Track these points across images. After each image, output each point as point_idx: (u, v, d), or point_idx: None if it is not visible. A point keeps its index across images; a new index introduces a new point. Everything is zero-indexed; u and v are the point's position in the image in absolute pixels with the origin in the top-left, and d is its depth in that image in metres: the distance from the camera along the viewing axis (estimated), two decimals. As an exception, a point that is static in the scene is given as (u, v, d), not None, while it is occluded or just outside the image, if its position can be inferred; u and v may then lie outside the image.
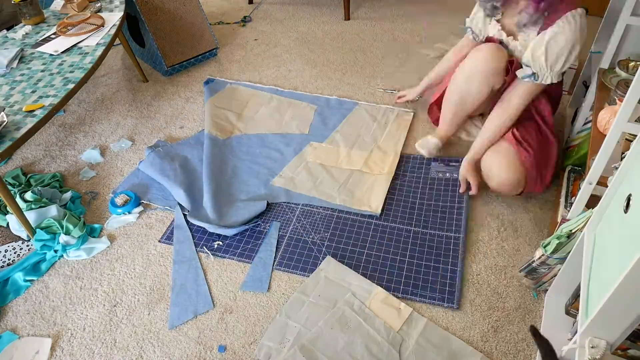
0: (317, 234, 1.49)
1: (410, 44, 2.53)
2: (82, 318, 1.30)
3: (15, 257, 1.45)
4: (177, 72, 2.33)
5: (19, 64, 1.72)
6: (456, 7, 2.98)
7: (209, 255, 1.44)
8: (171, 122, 2.01)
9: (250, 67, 2.36)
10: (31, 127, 1.39)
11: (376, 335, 1.21)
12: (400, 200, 1.58)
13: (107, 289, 1.37)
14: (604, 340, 0.75)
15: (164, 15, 2.22)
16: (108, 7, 2.06)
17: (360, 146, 1.81)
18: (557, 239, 1.15)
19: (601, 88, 1.43)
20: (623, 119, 0.99)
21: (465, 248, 1.42)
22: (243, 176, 1.71)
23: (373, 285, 1.33)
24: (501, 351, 1.19)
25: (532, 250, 1.43)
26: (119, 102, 2.15)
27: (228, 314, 1.30)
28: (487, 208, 1.58)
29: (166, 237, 1.51)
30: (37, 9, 1.98)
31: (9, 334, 1.26)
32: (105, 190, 1.69)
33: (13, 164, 1.82)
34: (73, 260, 1.45)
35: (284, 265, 1.40)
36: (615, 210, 0.86)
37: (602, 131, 1.25)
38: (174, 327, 1.27)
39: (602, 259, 0.86)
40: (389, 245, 1.44)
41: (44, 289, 1.38)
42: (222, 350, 1.21)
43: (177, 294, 1.34)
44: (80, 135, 1.95)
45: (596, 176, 1.11)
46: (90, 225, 1.55)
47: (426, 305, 1.29)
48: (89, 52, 1.76)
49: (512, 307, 1.29)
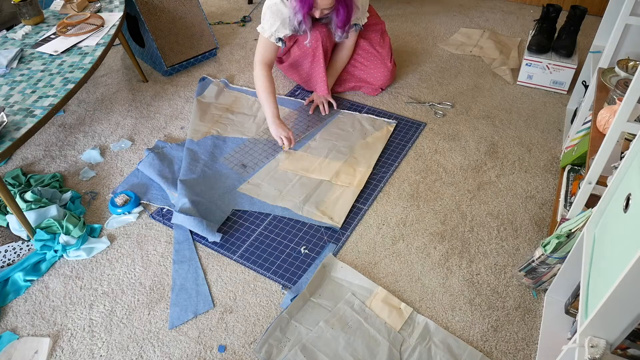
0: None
1: (410, 44, 2.54)
2: (82, 318, 1.30)
3: (15, 257, 1.45)
4: (176, 72, 2.33)
5: (19, 64, 1.72)
6: (456, 8, 2.99)
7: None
8: (171, 122, 2.01)
9: (249, 67, 2.36)
10: (31, 127, 1.39)
11: (377, 335, 1.21)
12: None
13: (107, 289, 1.37)
14: (604, 339, 0.75)
15: (164, 15, 2.22)
16: (108, 7, 2.06)
17: (334, 156, 1.78)
18: (556, 239, 1.15)
19: (600, 88, 1.43)
20: (622, 119, 0.99)
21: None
22: (210, 180, 1.68)
23: (374, 285, 1.34)
24: (501, 350, 1.19)
25: (532, 249, 1.43)
26: (119, 102, 2.15)
27: (228, 314, 1.30)
28: (487, 208, 1.58)
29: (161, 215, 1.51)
30: (36, 9, 1.98)
31: (9, 334, 1.26)
32: (105, 190, 1.69)
33: (13, 164, 1.82)
34: (73, 260, 1.45)
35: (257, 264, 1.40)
36: (615, 210, 0.86)
37: (602, 131, 1.26)
38: (174, 327, 1.27)
39: (602, 259, 0.86)
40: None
41: (44, 289, 1.38)
42: (222, 350, 1.21)
43: (177, 294, 1.34)
44: (80, 135, 1.95)
45: (596, 176, 1.12)
46: (90, 225, 1.55)
47: (426, 305, 1.30)
48: (89, 52, 1.76)
49: (511, 306, 1.29)
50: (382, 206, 1.60)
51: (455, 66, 2.35)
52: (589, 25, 2.48)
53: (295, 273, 1.39)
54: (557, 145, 1.84)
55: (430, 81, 2.23)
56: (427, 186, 1.67)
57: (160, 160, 1.74)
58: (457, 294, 1.33)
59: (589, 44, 1.90)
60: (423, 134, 1.91)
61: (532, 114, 2.01)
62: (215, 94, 2.14)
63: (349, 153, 1.79)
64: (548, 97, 2.11)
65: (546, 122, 1.95)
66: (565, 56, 2.07)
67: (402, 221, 1.55)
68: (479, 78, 2.26)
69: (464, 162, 1.77)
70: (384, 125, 1.93)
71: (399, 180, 1.70)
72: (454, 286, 1.35)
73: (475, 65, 2.36)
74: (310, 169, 1.72)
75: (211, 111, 2.03)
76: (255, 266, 1.41)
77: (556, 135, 1.88)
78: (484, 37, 2.60)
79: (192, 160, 1.74)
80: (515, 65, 2.31)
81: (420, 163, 1.77)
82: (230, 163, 1.76)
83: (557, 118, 1.98)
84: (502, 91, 2.16)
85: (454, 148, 1.83)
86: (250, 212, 1.58)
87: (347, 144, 1.83)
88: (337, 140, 1.86)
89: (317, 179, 1.68)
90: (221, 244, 1.48)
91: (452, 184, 1.68)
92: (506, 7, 2.99)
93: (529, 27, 2.70)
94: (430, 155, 1.81)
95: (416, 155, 1.80)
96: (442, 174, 1.72)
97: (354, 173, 1.70)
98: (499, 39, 2.58)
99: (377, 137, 1.87)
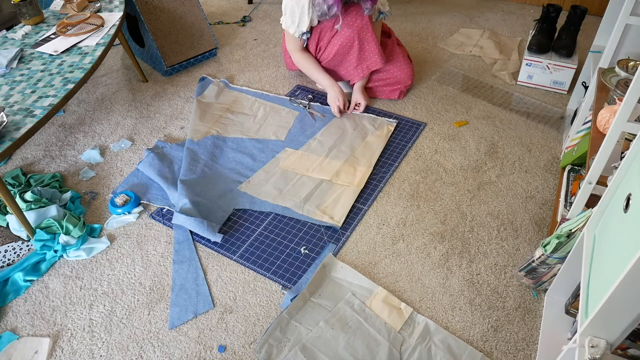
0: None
1: (410, 44, 2.54)
2: (82, 318, 1.30)
3: (15, 257, 1.45)
4: (176, 72, 2.33)
5: (19, 64, 1.72)
6: (456, 8, 2.99)
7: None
8: (171, 122, 2.01)
9: (250, 67, 2.36)
10: (31, 127, 1.39)
11: (377, 335, 1.21)
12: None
13: (107, 289, 1.37)
14: (604, 339, 0.75)
15: (164, 15, 2.22)
16: (108, 7, 2.06)
17: (335, 155, 1.78)
18: (556, 239, 1.15)
19: (600, 88, 1.43)
20: (622, 119, 0.99)
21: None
22: (210, 179, 1.68)
23: (374, 285, 1.34)
24: (501, 351, 1.19)
25: (532, 249, 1.43)
26: (119, 102, 2.15)
27: (228, 314, 1.30)
28: (487, 208, 1.58)
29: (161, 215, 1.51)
30: (36, 9, 1.97)
31: (9, 334, 1.26)
32: (105, 190, 1.69)
33: (13, 164, 1.82)
34: (73, 260, 1.45)
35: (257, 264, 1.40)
36: (615, 210, 0.86)
37: (602, 131, 1.26)
38: (174, 327, 1.27)
39: (602, 259, 0.86)
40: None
41: (44, 289, 1.38)
42: (222, 350, 1.21)
43: (177, 294, 1.34)
44: (80, 135, 1.95)
45: (596, 176, 1.12)
46: (90, 225, 1.55)
47: (426, 305, 1.30)
48: (89, 52, 1.76)
49: (512, 306, 1.29)
50: (382, 206, 1.60)
51: (456, 66, 2.35)
52: (589, 25, 2.48)
53: (295, 273, 1.39)
54: (557, 145, 1.84)
55: (430, 81, 2.23)
56: (427, 186, 1.67)
57: (160, 160, 1.74)
58: (457, 294, 1.33)
59: (589, 44, 1.90)
60: (423, 134, 1.91)
61: (532, 114, 2.01)
62: (215, 94, 2.14)
63: (350, 152, 1.79)
64: (548, 97, 2.11)
65: (546, 122, 1.95)
66: (566, 56, 2.07)
67: (402, 221, 1.55)
68: (479, 78, 2.25)
69: (464, 162, 1.77)
70: (384, 124, 1.93)
71: (399, 180, 1.70)
72: (454, 286, 1.35)
73: (475, 65, 2.36)
74: (311, 168, 1.72)
75: (211, 111, 2.03)
76: (255, 266, 1.41)
77: (556, 135, 1.88)
78: (484, 37, 2.60)
79: (192, 160, 1.74)
80: (515, 68, 2.30)
81: (421, 163, 1.77)
82: (231, 162, 1.76)
83: (557, 118, 1.98)
84: (502, 91, 2.16)
85: (454, 148, 1.83)
86: (249, 213, 1.58)
87: (348, 144, 1.83)
88: (337, 140, 1.86)
89: (317, 178, 1.68)
90: (221, 244, 1.48)
91: (452, 184, 1.68)
92: (506, 7, 2.99)
93: (529, 27, 2.70)
94: (430, 155, 1.81)
95: (416, 155, 1.80)
96: (442, 174, 1.72)
97: (354, 172, 1.70)
98: (499, 39, 2.58)
99: (378, 137, 1.87)
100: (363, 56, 1.94)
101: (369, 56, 1.94)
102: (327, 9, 1.78)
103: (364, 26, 1.86)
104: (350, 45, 1.91)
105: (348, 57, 1.97)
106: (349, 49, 1.93)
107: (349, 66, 2.00)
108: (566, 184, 1.49)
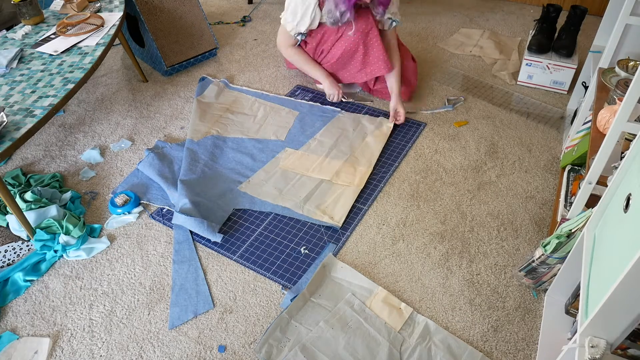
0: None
1: (410, 44, 2.54)
2: (82, 318, 1.30)
3: (15, 257, 1.45)
4: (176, 72, 2.33)
5: (19, 64, 1.72)
6: (456, 8, 2.99)
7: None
8: (171, 122, 2.01)
9: (250, 67, 2.36)
10: (31, 127, 1.39)
11: (377, 335, 1.21)
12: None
13: (107, 289, 1.37)
14: (604, 339, 0.75)
15: (164, 15, 2.22)
16: (108, 7, 2.06)
17: (335, 155, 1.78)
18: (556, 239, 1.15)
19: (600, 88, 1.43)
20: (622, 119, 0.99)
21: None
22: (210, 179, 1.68)
23: (374, 285, 1.34)
24: (501, 351, 1.19)
25: (532, 249, 1.43)
26: (119, 102, 2.15)
27: (228, 314, 1.30)
28: (487, 208, 1.58)
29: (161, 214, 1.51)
30: (36, 9, 1.97)
31: (9, 334, 1.26)
32: (105, 190, 1.69)
33: (13, 164, 1.82)
34: (73, 260, 1.45)
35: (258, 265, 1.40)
36: (615, 210, 0.86)
37: (602, 131, 1.26)
38: (174, 327, 1.27)
39: (602, 259, 0.86)
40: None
41: (44, 289, 1.38)
42: (222, 350, 1.21)
43: (177, 294, 1.34)
44: (80, 135, 1.95)
45: (596, 176, 1.12)
46: (90, 225, 1.55)
47: (426, 305, 1.30)
48: (89, 52, 1.76)
49: (512, 306, 1.29)
50: (382, 206, 1.60)
51: (456, 66, 2.35)
52: (589, 25, 2.48)
53: (295, 273, 1.39)
54: (557, 145, 1.84)
55: (430, 81, 2.23)
56: (427, 186, 1.67)
57: (160, 160, 1.74)
58: (457, 294, 1.33)
59: (589, 44, 1.90)
60: (423, 134, 1.91)
61: (532, 114, 2.01)
62: (215, 94, 2.14)
63: (350, 152, 1.79)
64: (548, 97, 2.11)
65: (546, 122, 1.95)
66: (566, 56, 2.07)
67: (402, 221, 1.55)
68: (479, 78, 2.25)
69: (464, 162, 1.77)
70: (383, 123, 1.94)
71: (399, 180, 1.70)
72: (454, 286, 1.35)
73: (475, 65, 2.36)
74: (311, 168, 1.72)
75: (211, 111, 2.03)
76: (255, 266, 1.41)
77: (556, 135, 1.88)
78: (484, 37, 2.60)
79: (192, 160, 1.74)
80: (515, 68, 2.30)
81: (420, 163, 1.77)
82: (231, 162, 1.76)
83: (557, 118, 1.98)
84: (502, 91, 2.16)
85: (454, 148, 1.83)
86: (249, 213, 1.58)
87: (348, 143, 1.83)
88: (337, 140, 1.86)
89: (317, 178, 1.68)
90: (221, 244, 1.48)
91: (452, 184, 1.68)
92: (506, 7, 2.99)
93: (529, 27, 2.70)
94: (430, 155, 1.81)
95: (416, 155, 1.80)
96: (442, 174, 1.72)
97: (354, 172, 1.70)
98: (499, 39, 2.58)
99: (378, 136, 1.87)
100: (367, 61, 1.93)
101: (374, 61, 1.93)
102: (340, 15, 1.76)
103: (370, 31, 1.85)
104: (355, 50, 1.90)
105: (352, 61, 1.95)
106: (353, 54, 1.92)
107: (352, 69, 1.99)
108: (566, 184, 1.49)
